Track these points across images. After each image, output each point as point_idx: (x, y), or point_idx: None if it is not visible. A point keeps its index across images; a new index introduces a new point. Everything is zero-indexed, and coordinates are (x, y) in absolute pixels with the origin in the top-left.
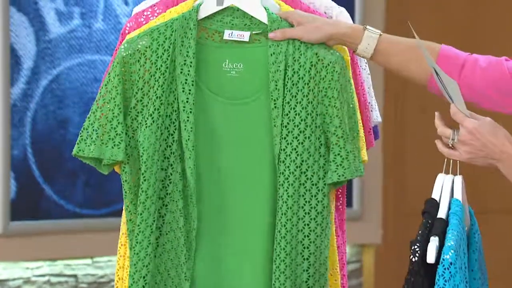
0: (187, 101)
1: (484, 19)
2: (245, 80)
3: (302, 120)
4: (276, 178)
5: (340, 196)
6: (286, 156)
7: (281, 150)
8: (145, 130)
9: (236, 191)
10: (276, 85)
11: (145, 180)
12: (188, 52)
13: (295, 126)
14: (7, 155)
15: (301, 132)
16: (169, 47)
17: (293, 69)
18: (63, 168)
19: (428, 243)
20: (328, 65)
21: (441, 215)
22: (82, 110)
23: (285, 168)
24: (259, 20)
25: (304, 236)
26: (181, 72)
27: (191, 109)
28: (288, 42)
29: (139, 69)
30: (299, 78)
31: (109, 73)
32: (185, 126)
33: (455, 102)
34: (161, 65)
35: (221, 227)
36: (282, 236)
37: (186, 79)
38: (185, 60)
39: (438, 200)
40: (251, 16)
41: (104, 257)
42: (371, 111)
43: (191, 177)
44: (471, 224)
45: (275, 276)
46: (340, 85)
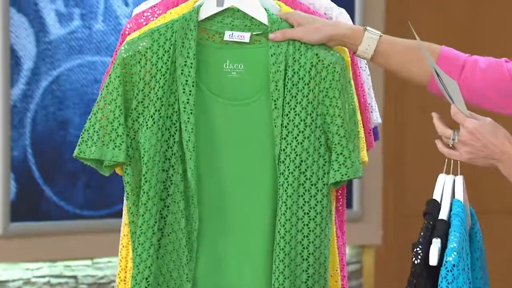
0: (188, 102)
1: (484, 19)
2: (246, 81)
3: (302, 121)
4: (277, 179)
5: (340, 197)
6: (286, 157)
7: (281, 151)
8: (146, 132)
9: (237, 192)
10: (276, 86)
11: (147, 182)
12: (189, 53)
13: (295, 127)
14: (7, 156)
15: (301, 132)
16: (170, 48)
17: (293, 70)
18: (63, 169)
19: (430, 245)
20: (329, 66)
21: (443, 216)
22: (82, 111)
23: (285, 169)
24: (260, 21)
25: (303, 237)
26: (182, 73)
27: (192, 110)
28: (289, 43)
29: (140, 71)
30: (299, 79)
31: (110, 75)
32: (186, 127)
33: (456, 103)
34: (162, 66)
35: (222, 228)
36: (281, 236)
37: (187, 80)
38: (186, 61)
39: (439, 201)
40: (252, 17)
41: (104, 258)
42: (371, 112)
43: (192, 178)
44: (473, 224)
45: (275, 276)
46: (341, 85)
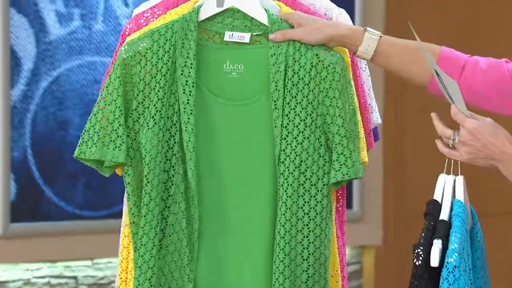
0: (188, 103)
1: (484, 19)
2: (246, 81)
3: (302, 121)
4: (277, 179)
5: (340, 198)
6: (286, 157)
7: (281, 151)
8: (147, 132)
9: (237, 192)
10: (277, 86)
11: (149, 182)
12: (189, 54)
13: (295, 127)
14: (7, 157)
15: (301, 133)
16: (170, 49)
17: (293, 70)
18: (63, 170)
19: (432, 246)
20: (329, 66)
21: (444, 217)
22: (82, 112)
23: (285, 169)
24: (260, 22)
25: (303, 237)
26: (182, 74)
27: (192, 111)
28: (289, 43)
29: (140, 71)
30: (299, 79)
31: (110, 75)
32: (186, 128)
33: (456, 103)
34: (162, 67)
35: (222, 228)
36: (281, 237)
37: (187, 81)
38: (186, 62)
39: (440, 201)
40: (252, 18)
41: (104, 259)
42: (371, 113)
43: (192, 179)
44: (473, 223)
45: (275, 277)
46: (341, 86)
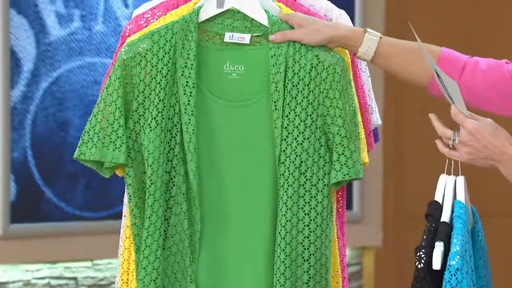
0: (189, 104)
1: (484, 19)
2: (246, 82)
3: (302, 121)
4: (277, 180)
5: (340, 199)
6: (286, 158)
7: (281, 152)
8: (150, 134)
9: (238, 193)
10: (277, 87)
11: (152, 184)
12: (189, 55)
13: (295, 128)
14: (7, 158)
15: (301, 133)
16: (170, 50)
17: (293, 71)
18: (63, 171)
19: (433, 249)
20: (329, 67)
21: (445, 219)
22: (82, 113)
23: (285, 170)
24: (260, 23)
25: (304, 237)
26: (182, 75)
27: (193, 112)
28: (289, 44)
29: (140, 72)
30: (299, 80)
31: (110, 76)
32: (187, 129)
33: (456, 103)
34: (162, 68)
35: (223, 229)
36: (282, 237)
37: (187, 82)
38: (186, 63)
39: (441, 202)
40: (252, 19)
41: (104, 260)
42: (371, 114)
43: (193, 179)
44: (474, 223)
45: (276, 278)
46: (342, 86)
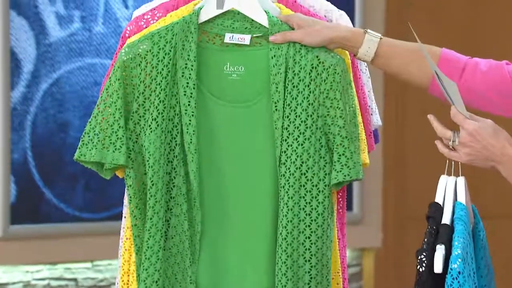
0: (189, 105)
1: (484, 20)
2: (247, 83)
3: (302, 122)
4: (278, 181)
5: (340, 200)
6: (287, 158)
7: (282, 152)
8: (150, 135)
9: (238, 194)
10: (277, 88)
11: (153, 185)
12: (189, 56)
13: (296, 128)
14: (7, 159)
15: (301, 134)
16: (170, 51)
17: (294, 71)
18: (63, 172)
19: (435, 252)
20: (329, 68)
21: (446, 221)
22: (82, 114)
23: (286, 170)
24: (260, 24)
25: (305, 238)
26: (183, 76)
27: (193, 112)
28: (289, 45)
29: (140, 73)
30: (300, 80)
31: (110, 77)
32: (187, 130)
33: (455, 104)
34: (163, 69)
35: (224, 230)
36: (283, 238)
37: (188, 83)
38: (186, 64)
39: (442, 203)
40: (252, 20)
41: (104, 261)
42: (372, 115)
43: (194, 180)
44: (475, 223)
45: (277, 278)
46: (342, 87)
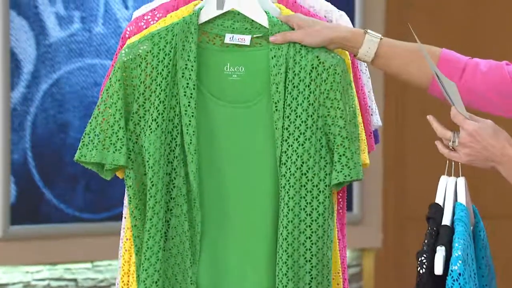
0: (189, 105)
1: (484, 20)
2: (247, 84)
3: (303, 122)
4: (278, 181)
5: (341, 200)
6: (287, 158)
7: (283, 153)
8: (150, 135)
9: (239, 194)
10: (277, 88)
11: (153, 185)
12: (189, 56)
13: (296, 128)
14: (7, 159)
15: (302, 134)
16: (170, 52)
17: (294, 72)
18: (63, 172)
19: (435, 254)
20: (330, 68)
21: (446, 222)
22: (82, 114)
23: (286, 170)
24: (260, 24)
25: (306, 238)
26: (183, 76)
27: (193, 113)
28: (289, 45)
29: (140, 74)
30: (300, 81)
31: (110, 78)
32: (187, 130)
33: (455, 104)
34: (163, 70)
35: (224, 230)
36: (284, 238)
37: (188, 83)
38: (187, 64)
39: (442, 204)
40: (252, 20)
41: (104, 261)
42: (372, 115)
43: (194, 181)
44: (476, 222)
45: (278, 279)
46: (342, 87)
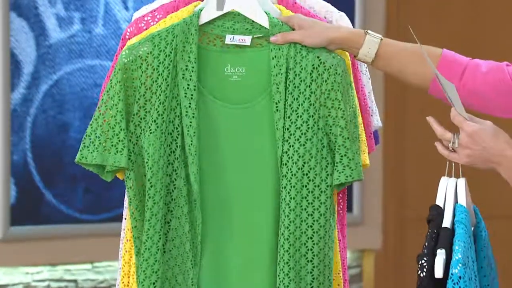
0: (190, 106)
1: (484, 21)
2: (248, 84)
3: (304, 122)
4: (279, 181)
5: (341, 201)
6: (288, 159)
7: (283, 153)
8: (150, 136)
9: (240, 195)
10: (278, 88)
11: (152, 186)
12: (190, 57)
13: (297, 129)
14: (7, 160)
15: (303, 134)
16: (171, 53)
17: (295, 72)
18: (63, 173)
19: (435, 257)
20: (330, 68)
21: (446, 224)
22: (82, 115)
23: (287, 171)
24: (260, 25)
25: (308, 238)
26: (183, 77)
27: (194, 114)
28: (290, 46)
29: (141, 75)
30: (301, 81)
31: (111, 80)
32: (188, 131)
33: (455, 106)
34: (163, 71)
35: (225, 231)
36: (285, 239)
37: (188, 84)
38: (187, 65)
39: (443, 205)
40: (252, 21)
41: (104, 262)
42: (372, 116)
43: (195, 182)
44: (477, 222)
45: (279, 279)
46: (343, 88)
